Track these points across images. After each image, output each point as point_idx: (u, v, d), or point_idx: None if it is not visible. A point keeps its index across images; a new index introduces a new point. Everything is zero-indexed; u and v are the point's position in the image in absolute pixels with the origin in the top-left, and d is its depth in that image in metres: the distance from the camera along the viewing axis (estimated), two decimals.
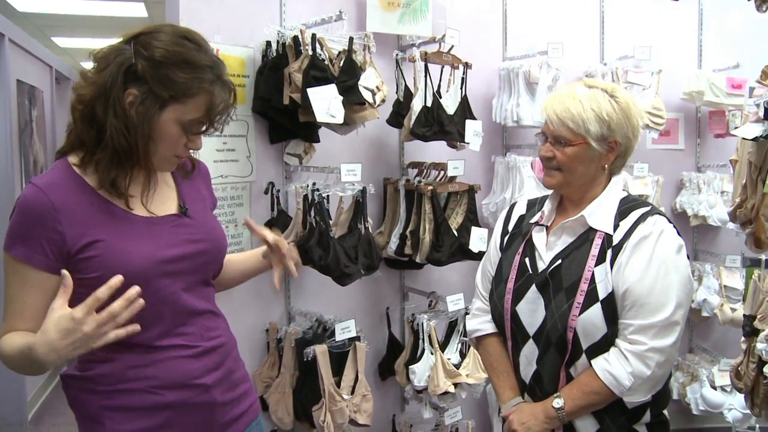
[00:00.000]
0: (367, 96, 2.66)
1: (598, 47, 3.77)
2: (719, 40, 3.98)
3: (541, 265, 1.73)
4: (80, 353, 1.25)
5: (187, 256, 1.48)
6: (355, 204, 2.76)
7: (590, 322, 1.61)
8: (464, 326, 3.11)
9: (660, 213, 1.69)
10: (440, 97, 2.96)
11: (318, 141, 2.86)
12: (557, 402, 1.65)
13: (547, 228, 1.77)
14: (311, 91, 2.52)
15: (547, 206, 1.80)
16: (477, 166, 3.41)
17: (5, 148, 3.95)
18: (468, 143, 3.03)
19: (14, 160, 4.09)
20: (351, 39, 2.65)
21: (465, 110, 3.04)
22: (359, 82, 2.65)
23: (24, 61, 4.45)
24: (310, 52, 2.59)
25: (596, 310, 1.61)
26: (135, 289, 1.26)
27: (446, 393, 2.93)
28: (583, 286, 1.62)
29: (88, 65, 1.42)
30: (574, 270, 1.66)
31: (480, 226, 3.07)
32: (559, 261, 1.69)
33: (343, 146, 3.04)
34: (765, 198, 2.14)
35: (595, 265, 1.63)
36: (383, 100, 2.78)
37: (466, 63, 3.05)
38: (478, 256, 3.05)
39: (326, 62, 2.63)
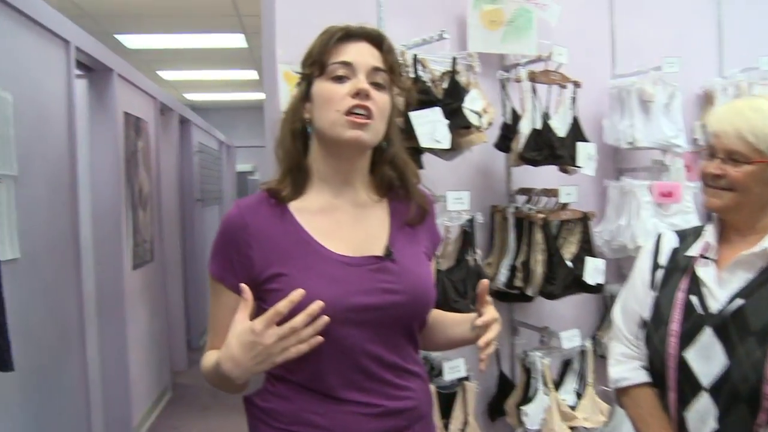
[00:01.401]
0: (473, 119, 2.52)
1: (715, 60, 3.49)
2: None
3: (714, 305, 1.49)
4: (264, 368, 1.22)
5: (378, 308, 1.32)
6: (462, 234, 2.61)
7: None
8: (580, 365, 2.90)
9: None
10: (549, 119, 2.78)
11: (422, 168, 2.71)
12: None
13: (715, 261, 1.55)
14: (414, 115, 2.40)
15: (710, 237, 1.58)
16: (588, 192, 3.19)
17: (114, 177, 4.05)
18: (581, 167, 2.83)
19: (121, 188, 4.17)
20: (455, 59, 2.52)
21: (576, 132, 2.84)
22: (464, 105, 2.51)
23: (131, 94, 4.57)
24: (412, 74, 2.47)
25: None
26: (317, 304, 1.19)
27: None
28: None
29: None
30: (763, 311, 1.42)
31: (595, 256, 2.86)
32: (741, 301, 1.46)
33: (448, 173, 2.89)
34: None
35: None
36: (490, 123, 2.63)
37: (576, 82, 2.86)
38: (594, 289, 2.84)
39: (429, 84, 2.51)
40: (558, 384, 2.89)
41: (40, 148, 2.90)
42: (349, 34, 1.37)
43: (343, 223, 1.37)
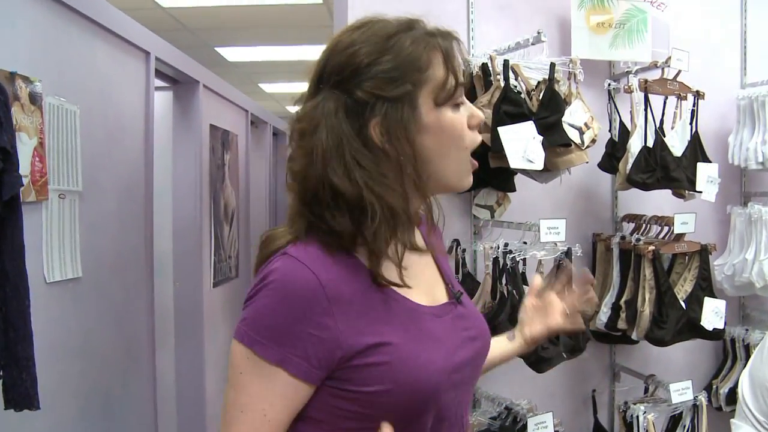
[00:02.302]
0: (573, 135, 2.18)
1: None
2: None
3: None
4: None
5: (470, 361, 1.10)
6: (557, 268, 2.27)
7: None
8: (692, 422, 2.50)
9: None
10: (664, 136, 2.41)
11: (514, 190, 2.39)
12: None
13: None
14: (503, 130, 2.08)
15: None
16: (707, 220, 2.77)
17: (196, 191, 3.93)
18: (700, 192, 2.43)
19: (204, 203, 4.06)
20: (552, 65, 2.19)
21: (696, 151, 2.46)
22: (563, 119, 2.17)
23: (218, 106, 4.49)
24: (502, 83, 2.17)
25: None
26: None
27: None
28: None
29: (293, 108, 1.08)
30: None
31: (714, 296, 2.45)
32: None
33: (544, 196, 2.56)
34: None
35: None
36: (593, 140, 2.28)
37: (698, 92, 2.48)
38: (712, 335, 2.43)
39: (522, 95, 2.20)
40: None
41: (110, 162, 2.79)
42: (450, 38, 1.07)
43: (413, 269, 1.08)
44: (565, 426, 2.40)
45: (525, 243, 2.30)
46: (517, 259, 2.19)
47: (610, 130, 2.53)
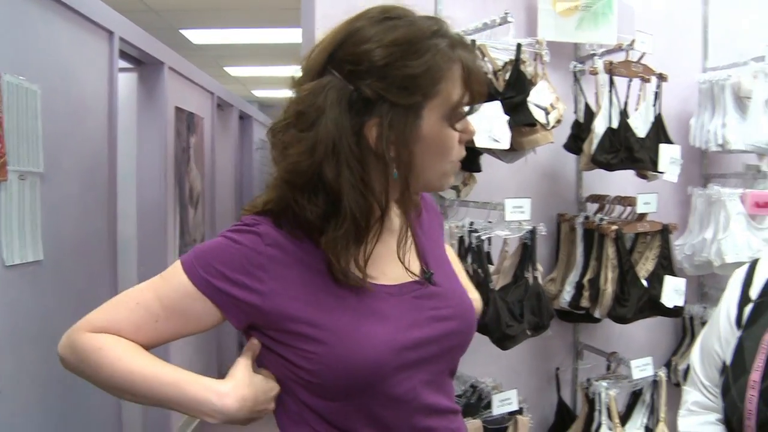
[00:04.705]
0: (538, 115, 2.20)
1: None
2: None
3: None
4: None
5: (432, 340, 1.10)
6: (522, 248, 2.30)
7: None
8: (651, 397, 2.55)
9: None
10: (628, 117, 2.44)
11: (479, 170, 2.39)
12: None
13: None
14: None
15: None
16: (669, 201, 2.82)
17: (161, 174, 3.88)
18: (662, 172, 2.48)
19: (169, 186, 4.02)
20: (519, 46, 2.20)
21: (659, 132, 2.50)
22: (529, 99, 2.19)
23: (184, 89, 4.42)
24: None
25: None
26: None
27: None
28: None
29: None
30: None
31: (675, 275, 2.50)
32: None
33: (509, 176, 2.59)
34: None
35: None
36: (558, 121, 2.30)
37: (661, 75, 2.51)
38: (672, 312, 2.49)
39: (489, 75, 2.21)
40: (625, 418, 2.56)
41: (73, 143, 2.73)
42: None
43: (379, 252, 1.11)
44: (529, 403, 2.43)
45: (490, 222, 2.32)
46: (482, 238, 2.20)
47: (575, 112, 2.55)
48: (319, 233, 1.03)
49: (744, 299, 1.35)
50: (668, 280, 2.45)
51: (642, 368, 2.45)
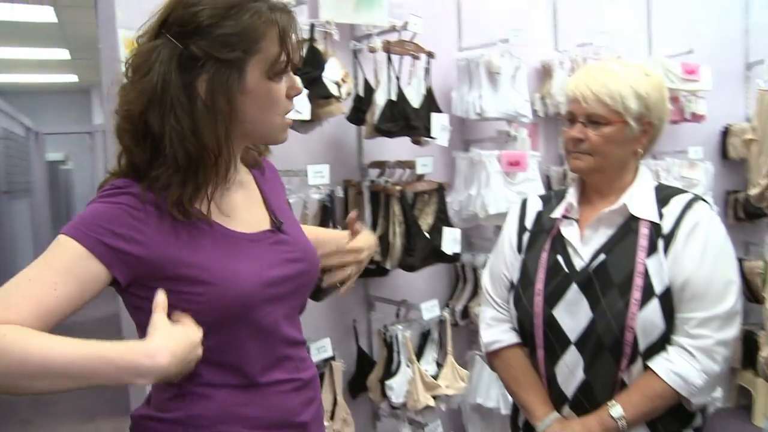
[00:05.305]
0: (332, 89, 2.42)
1: (551, 34, 3.64)
2: (669, 25, 3.93)
3: (579, 262, 1.55)
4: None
5: (288, 278, 1.27)
6: (322, 210, 2.51)
7: (649, 319, 1.45)
8: (439, 335, 2.93)
9: (703, 199, 1.55)
10: (403, 90, 2.75)
11: None
12: (616, 411, 1.47)
13: (577, 221, 1.59)
14: None
15: (572, 198, 1.62)
16: (437, 163, 3.19)
17: None
18: (435, 138, 2.83)
19: None
20: (312, 25, 2.41)
21: (430, 103, 2.84)
22: (324, 74, 2.40)
23: None
24: None
25: (654, 305, 1.45)
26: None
27: (426, 407, 2.72)
28: (638, 281, 1.46)
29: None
30: (624, 264, 1.49)
31: (452, 226, 2.88)
32: (603, 256, 1.52)
33: (299, 147, 2.76)
34: None
35: (647, 257, 1.47)
36: (348, 94, 2.55)
37: (429, 52, 2.85)
38: (452, 258, 2.86)
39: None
40: (418, 357, 2.89)
41: None
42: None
43: (235, 203, 1.28)
44: (337, 355, 2.66)
45: (290, 189, 2.49)
46: (289, 201, 2.37)
47: (356, 87, 2.80)
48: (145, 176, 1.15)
49: (521, 230, 1.70)
50: (446, 231, 2.82)
51: (430, 310, 2.80)
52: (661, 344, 1.47)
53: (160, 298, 1.09)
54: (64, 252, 1.09)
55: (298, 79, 1.25)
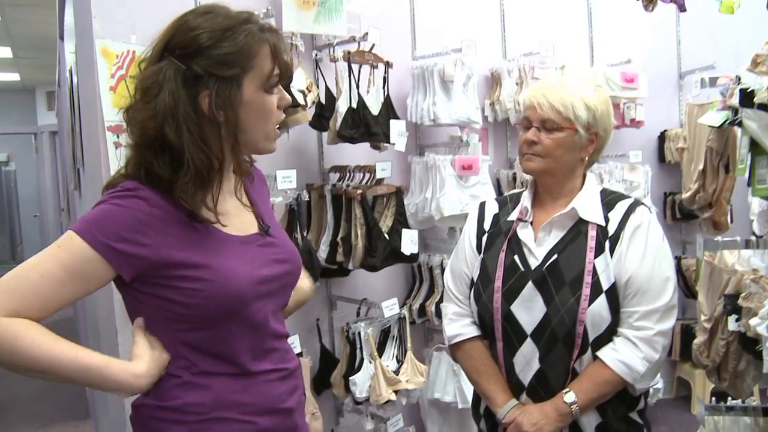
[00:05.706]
0: (298, 98, 2.53)
1: (500, 45, 3.82)
2: (609, 36, 4.16)
3: (534, 262, 1.70)
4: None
5: (275, 277, 1.39)
6: (289, 212, 2.62)
7: (598, 313, 1.62)
8: (399, 332, 3.06)
9: (643, 204, 1.73)
10: (363, 98, 2.88)
11: None
12: (569, 397, 1.63)
13: (531, 223, 1.75)
14: None
15: (526, 202, 1.78)
16: (394, 167, 3.32)
17: None
18: (393, 143, 2.97)
19: None
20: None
21: (388, 110, 2.98)
22: (291, 84, 2.51)
23: None
24: None
25: (602, 301, 1.62)
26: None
27: (388, 401, 2.85)
28: (588, 279, 1.62)
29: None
30: (574, 263, 1.65)
31: (410, 228, 3.02)
32: (556, 255, 1.67)
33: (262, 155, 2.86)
34: (727, 182, 2.24)
35: (595, 257, 1.64)
36: (314, 102, 2.67)
37: (387, 62, 2.99)
38: (410, 258, 3.00)
39: None
40: (379, 352, 3.01)
41: None
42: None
43: (227, 209, 1.39)
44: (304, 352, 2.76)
45: None
46: None
47: (317, 95, 2.91)
48: (172, 187, 1.26)
49: (480, 231, 1.85)
50: (405, 232, 2.96)
51: (390, 308, 2.93)
52: (608, 336, 1.64)
53: (139, 323, 1.30)
54: (74, 251, 1.20)
55: (285, 93, 1.37)
